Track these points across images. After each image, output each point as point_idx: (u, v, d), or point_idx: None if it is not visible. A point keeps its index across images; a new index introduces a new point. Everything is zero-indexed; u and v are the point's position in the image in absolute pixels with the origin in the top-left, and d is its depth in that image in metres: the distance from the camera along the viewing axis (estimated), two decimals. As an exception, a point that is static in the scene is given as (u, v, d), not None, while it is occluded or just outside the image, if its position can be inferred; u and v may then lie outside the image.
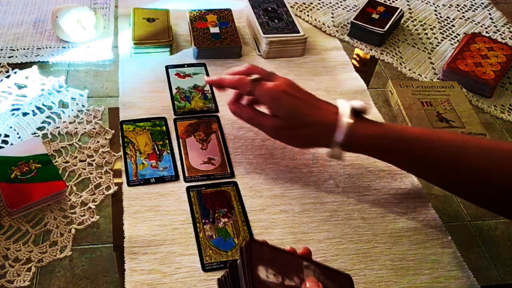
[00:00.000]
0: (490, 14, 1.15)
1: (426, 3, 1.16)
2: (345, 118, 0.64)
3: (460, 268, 0.64)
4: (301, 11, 1.08)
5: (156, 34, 0.91)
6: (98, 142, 0.75)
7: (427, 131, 0.68)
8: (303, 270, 0.47)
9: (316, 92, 0.87)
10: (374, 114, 0.84)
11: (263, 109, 0.69)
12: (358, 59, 0.99)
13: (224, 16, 0.97)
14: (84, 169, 0.71)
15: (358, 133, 0.64)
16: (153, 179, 0.70)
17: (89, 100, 0.82)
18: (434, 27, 1.09)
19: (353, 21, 1.00)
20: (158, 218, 0.65)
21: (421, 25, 1.09)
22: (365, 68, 0.97)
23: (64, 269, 0.60)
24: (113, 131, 0.77)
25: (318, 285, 0.45)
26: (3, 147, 0.72)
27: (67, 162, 0.72)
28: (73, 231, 0.64)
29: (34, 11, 1.00)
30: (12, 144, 0.73)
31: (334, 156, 0.67)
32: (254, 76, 0.68)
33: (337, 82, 0.90)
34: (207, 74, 0.88)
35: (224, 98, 0.84)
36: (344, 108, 0.65)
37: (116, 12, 1.02)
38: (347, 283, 0.49)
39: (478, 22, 1.12)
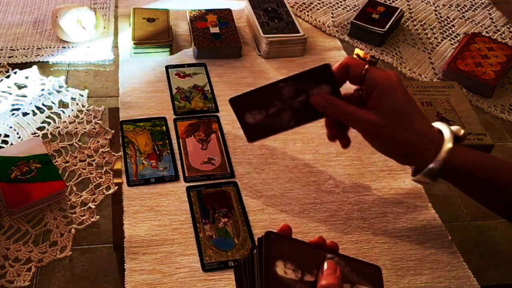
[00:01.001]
0: (490, 14, 1.15)
1: (426, 3, 1.16)
2: (450, 139, 0.56)
3: (460, 268, 0.64)
4: (301, 11, 1.08)
5: (156, 34, 0.91)
6: (98, 142, 0.75)
7: None
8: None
9: (316, 92, 0.87)
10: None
11: None
12: (358, 59, 0.99)
13: (224, 16, 0.97)
14: (84, 169, 0.71)
15: (460, 158, 0.56)
16: (153, 179, 0.70)
17: (89, 100, 0.82)
18: (434, 27, 1.09)
19: (353, 21, 1.00)
20: (158, 218, 0.65)
21: (421, 25, 1.09)
22: (365, 68, 0.97)
23: (64, 269, 0.60)
24: (113, 131, 0.77)
25: (335, 271, 0.44)
26: (3, 147, 0.72)
27: (67, 162, 0.72)
28: (73, 231, 0.64)
29: (34, 11, 1.00)
30: (12, 144, 0.73)
31: (424, 178, 0.58)
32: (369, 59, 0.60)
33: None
34: (207, 74, 0.88)
35: (224, 98, 0.84)
36: (447, 130, 0.57)
37: (116, 12, 1.02)
38: (374, 274, 0.47)
39: (478, 22, 1.12)
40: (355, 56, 0.99)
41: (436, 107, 0.84)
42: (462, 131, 0.58)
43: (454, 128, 0.58)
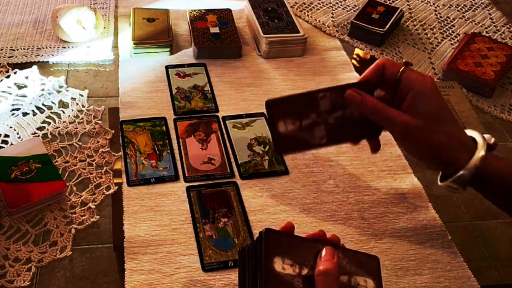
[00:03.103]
0: (490, 14, 1.15)
1: (426, 3, 1.16)
2: (482, 146, 0.56)
3: (460, 268, 0.64)
4: (301, 11, 1.08)
5: (156, 34, 0.91)
6: (98, 142, 0.75)
7: None
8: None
9: (316, 92, 0.87)
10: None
11: None
12: (358, 59, 0.99)
13: (224, 16, 0.97)
14: (84, 169, 0.71)
15: (492, 166, 0.56)
16: (153, 179, 0.70)
17: (89, 100, 0.82)
18: (434, 27, 1.09)
19: (353, 21, 1.00)
20: (158, 218, 0.65)
21: (421, 25, 1.09)
22: (365, 68, 0.96)
23: (64, 269, 0.60)
24: (113, 131, 0.77)
25: (333, 257, 0.45)
26: (3, 147, 0.72)
27: (67, 162, 0.72)
28: (73, 231, 0.64)
29: (34, 11, 1.00)
30: (12, 144, 0.73)
31: (453, 183, 0.57)
32: (405, 60, 0.58)
33: (337, 82, 0.90)
34: (207, 74, 0.88)
35: (224, 98, 0.84)
36: (480, 138, 0.58)
37: (116, 12, 1.02)
38: (371, 265, 0.49)
39: (478, 22, 1.12)
40: (355, 56, 0.99)
41: (436, 107, 0.84)
42: (492, 139, 0.58)
43: (486, 136, 0.58)
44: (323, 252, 0.46)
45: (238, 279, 0.49)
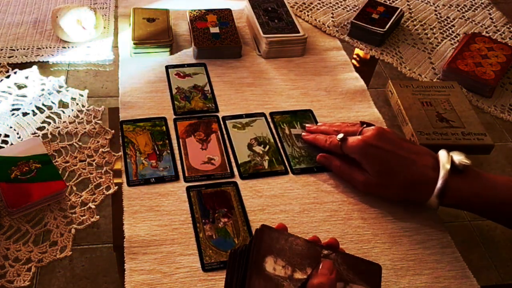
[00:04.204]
0: (490, 14, 1.15)
1: (426, 3, 1.16)
2: (444, 174, 0.61)
3: (460, 268, 0.64)
4: (301, 11, 1.08)
5: (156, 34, 0.91)
6: (98, 142, 0.75)
7: None
8: (320, 260, 0.45)
9: (316, 92, 0.88)
10: (374, 114, 0.84)
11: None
12: (358, 59, 0.99)
13: (224, 16, 0.97)
14: (84, 169, 0.71)
15: (459, 190, 0.61)
16: (153, 179, 0.70)
17: (89, 100, 0.82)
18: (434, 27, 1.09)
19: (353, 21, 1.00)
20: (158, 218, 0.65)
21: (421, 25, 1.09)
22: (365, 68, 0.97)
23: (64, 269, 0.60)
24: (113, 131, 0.77)
25: (330, 272, 0.43)
26: (3, 147, 0.72)
27: (67, 162, 0.72)
28: (73, 231, 0.64)
29: (34, 11, 1.00)
30: (12, 144, 0.73)
31: (428, 206, 0.65)
32: (341, 135, 0.68)
33: (337, 82, 0.90)
34: (207, 74, 0.88)
35: (224, 98, 0.84)
36: (444, 164, 0.61)
37: (116, 12, 1.02)
38: (372, 273, 0.46)
39: (478, 22, 1.12)
40: (355, 56, 0.99)
41: (436, 107, 0.84)
42: (461, 160, 0.62)
43: (456, 157, 0.62)
44: (321, 266, 0.44)
45: (225, 282, 0.45)
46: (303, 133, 0.77)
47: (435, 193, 0.62)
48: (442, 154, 0.63)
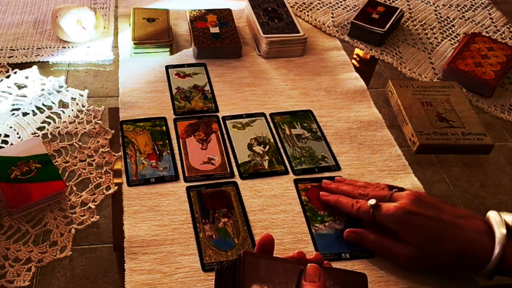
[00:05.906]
0: (490, 14, 1.15)
1: (426, 3, 1.16)
2: (501, 239, 0.52)
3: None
4: (301, 11, 1.08)
5: (156, 34, 0.91)
6: (98, 142, 0.75)
7: None
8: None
9: (316, 92, 0.88)
10: (374, 114, 0.84)
11: None
12: (358, 59, 0.99)
13: (224, 16, 0.97)
14: (84, 169, 0.71)
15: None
16: (153, 179, 0.70)
17: (89, 100, 0.82)
18: (434, 27, 1.09)
19: (353, 21, 1.00)
20: (158, 218, 0.65)
21: (421, 25, 1.09)
22: (365, 68, 0.97)
23: (64, 269, 0.60)
24: (113, 131, 0.77)
25: (318, 277, 0.43)
26: (3, 147, 0.72)
27: (67, 162, 0.72)
28: (73, 231, 0.64)
29: (34, 11, 1.00)
30: (12, 144, 0.73)
31: (481, 277, 0.57)
32: (373, 201, 0.59)
33: (337, 82, 0.90)
34: (207, 74, 0.88)
35: (224, 98, 0.84)
36: (499, 227, 0.54)
37: (116, 12, 1.02)
38: (357, 283, 0.47)
39: (478, 22, 1.12)
40: (355, 56, 0.99)
41: (436, 107, 0.84)
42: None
43: (510, 219, 0.54)
44: (307, 272, 0.44)
45: None
46: (321, 193, 0.67)
47: (493, 261, 0.53)
48: (493, 216, 0.56)
